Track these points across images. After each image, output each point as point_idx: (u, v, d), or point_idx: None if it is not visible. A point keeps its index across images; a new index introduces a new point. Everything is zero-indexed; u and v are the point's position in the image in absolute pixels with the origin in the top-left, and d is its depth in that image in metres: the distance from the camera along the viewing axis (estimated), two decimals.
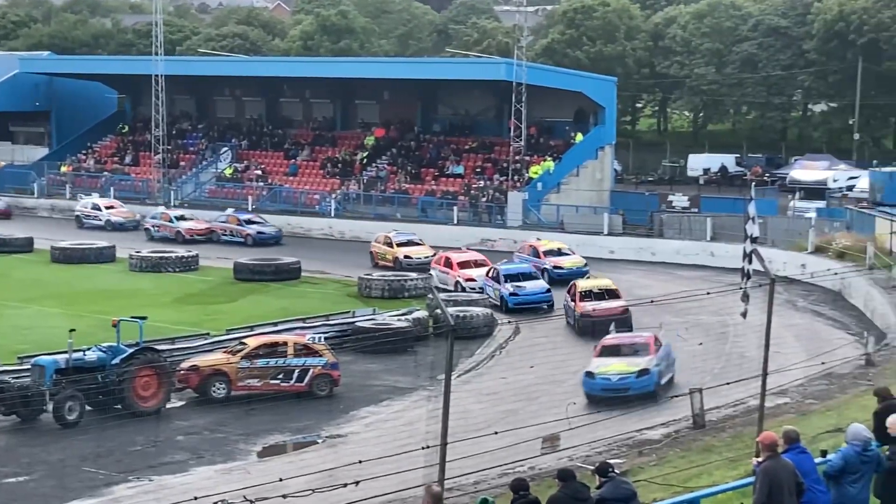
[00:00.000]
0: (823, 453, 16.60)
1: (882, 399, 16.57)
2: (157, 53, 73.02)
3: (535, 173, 66.44)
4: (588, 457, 23.73)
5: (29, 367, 32.31)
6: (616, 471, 14.71)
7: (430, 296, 42.88)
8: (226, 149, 77.81)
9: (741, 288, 34.06)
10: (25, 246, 59.53)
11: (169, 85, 73.01)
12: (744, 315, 33.02)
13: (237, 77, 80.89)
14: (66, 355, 31.91)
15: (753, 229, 34.07)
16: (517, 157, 65.84)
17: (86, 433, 30.30)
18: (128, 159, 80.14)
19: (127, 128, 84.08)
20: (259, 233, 62.27)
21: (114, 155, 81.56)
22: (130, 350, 32.35)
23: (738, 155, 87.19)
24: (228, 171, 75.74)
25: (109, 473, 27.22)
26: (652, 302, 33.99)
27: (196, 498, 19.82)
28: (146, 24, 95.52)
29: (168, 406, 32.70)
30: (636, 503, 14.04)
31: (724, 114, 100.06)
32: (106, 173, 78.22)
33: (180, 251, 55.62)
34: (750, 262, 31.79)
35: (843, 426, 20.69)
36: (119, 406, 31.32)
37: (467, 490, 21.42)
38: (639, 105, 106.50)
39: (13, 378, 32.07)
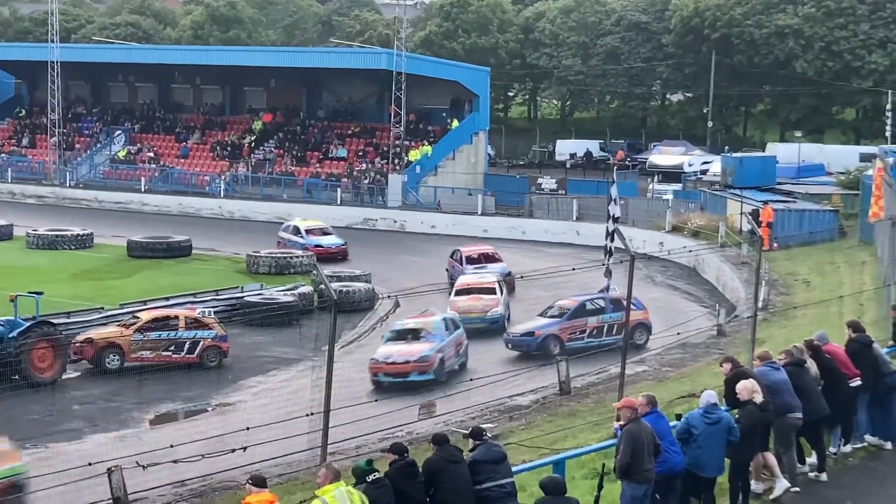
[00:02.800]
0: (678, 417, 16.87)
1: (732, 367, 16.88)
2: (53, 41, 71.59)
3: (414, 157, 66.48)
4: (462, 422, 23.83)
5: None
6: (488, 434, 14.79)
7: (314, 272, 42.69)
8: (119, 132, 76.60)
9: (604, 265, 34.55)
10: None
11: (64, 71, 71.60)
12: (606, 289, 33.55)
13: (130, 64, 79.54)
14: None
15: (615, 210, 34.56)
16: (397, 142, 65.80)
17: None
18: (24, 142, 78.49)
19: (24, 112, 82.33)
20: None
21: (11, 138, 79.83)
22: (27, 324, 31.75)
23: (602, 141, 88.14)
24: (122, 154, 74.60)
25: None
26: (522, 277, 34.37)
27: (91, 464, 19.60)
28: (43, 12, 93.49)
29: (64, 377, 32.14)
30: (506, 465, 14.12)
31: (589, 102, 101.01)
32: (3, 155, 76.54)
33: (76, 229, 54.52)
34: (612, 240, 32.28)
35: (697, 392, 21.07)
36: (17, 377, 30.69)
37: (349, 454, 21.37)
38: (510, 94, 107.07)
39: None
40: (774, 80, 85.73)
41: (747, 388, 15.93)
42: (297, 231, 52.89)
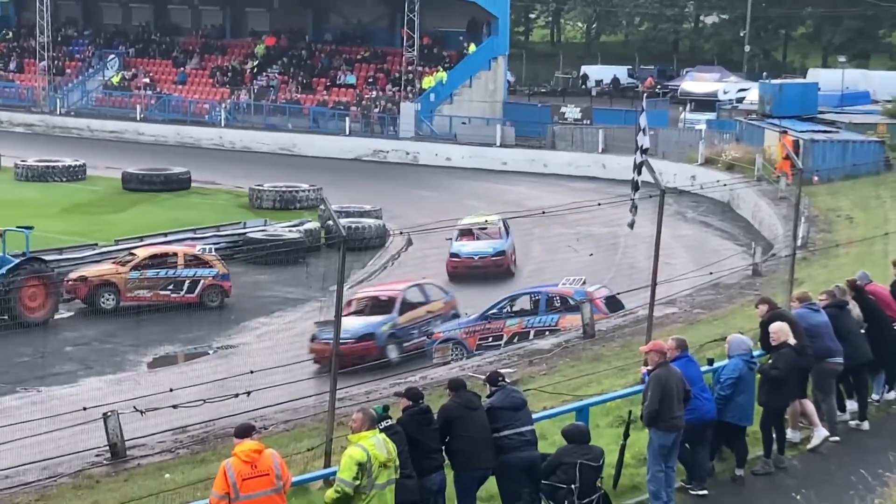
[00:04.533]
0: (710, 361, 16.95)
1: (769, 308, 16.88)
2: None
3: (428, 84, 66.20)
4: (479, 367, 23.92)
5: None
6: (507, 380, 14.85)
7: (322, 207, 42.74)
8: (113, 56, 76.39)
9: (631, 199, 34.52)
10: None
11: None
12: (631, 226, 33.09)
13: None
14: None
15: (644, 141, 34.37)
16: (410, 68, 65.53)
17: None
18: (12, 66, 78.35)
19: (10, 34, 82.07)
20: None
21: None
22: (17, 260, 31.89)
23: (630, 67, 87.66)
24: (116, 79, 74.46)
25: None
26: (543, 213, 34.27)
27: (85, 408, 19.74)
28: None
29: (56, 317, 32.37)
30: (526, 411, 14.19)
31: (616, 25, 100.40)
32: None
33: (67, 160, 54.58)
34: (640, 173, 32.17)
35: (730, 335, 21.12)
36: (6, 317, 30.91)
37: (359, 400, 21.49)
38: (532, 15, 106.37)
39: None
40: (817, 1, 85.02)
41: (782, 331, 15.95)
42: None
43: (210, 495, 11.85)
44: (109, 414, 19.69)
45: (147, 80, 73.37)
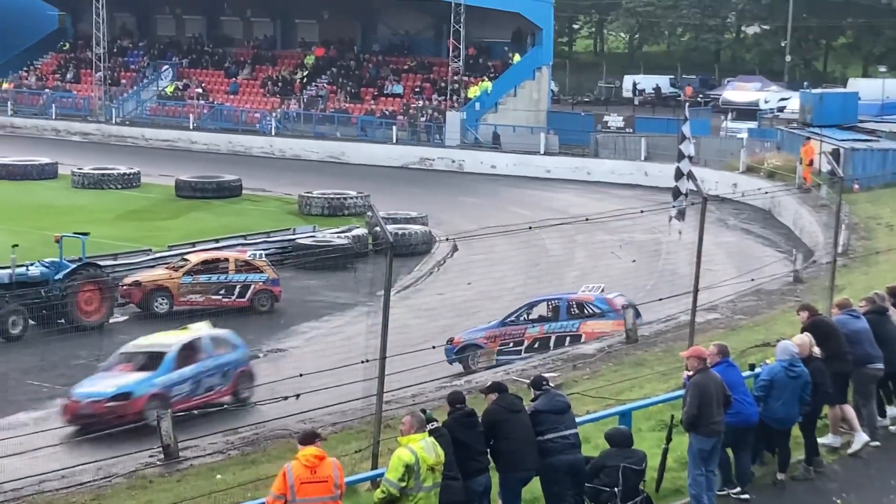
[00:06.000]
0: (752, 367, 16.85)
1: (810, 314, 16.77)
2: None
3: (473, 93, 66.25)
4: (523, 370, 23.86)
5: None
6: (550, 384, 14.82)
7: (369, 213, 42.79)
8: (167, 67, 76.89)
9: (673, 206, 34.32)
10: None
11: (110, 2, 71.83)
12: (680, 233, 32.79)
13: None
14: (10, 270, 31.60)
15: (689, 149, 34.17)
16: (455, 77, 65.57)
17: (29, 347, 30.07)
18: (69, 77, 79.01)
19: (68, 45, 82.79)
20: None
21: (55, 72, 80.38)
22: (73, 265, 32.11)
23: (672, 76, 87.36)
24: (170, 89, 74.93)
25: (53, 386, 27.03)
26: (587, 220, 34.18)
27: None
28: None
29: (111, 321, 32.53)
30: (570, 415, 14.16)
31: (659, 35, 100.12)
32: (47, 91, 77.12)
33: (122, 168, 55.02)
34: (688, 179, 31.91)
35: (771, 341, 20.98)
36: (62, 320, 31.11)
37: (405, 402, 21.48)
38: (576, 26, 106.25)
39: None
40: (857, 11, 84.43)
41: (804, 344, 15.77)
42: None
43: (267, 494, 11.90)
44: (163, 416, 19.79)
45: (200, 90, 73.77)
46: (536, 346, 27.32)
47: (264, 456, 19.19)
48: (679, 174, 25.83)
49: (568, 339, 27.37)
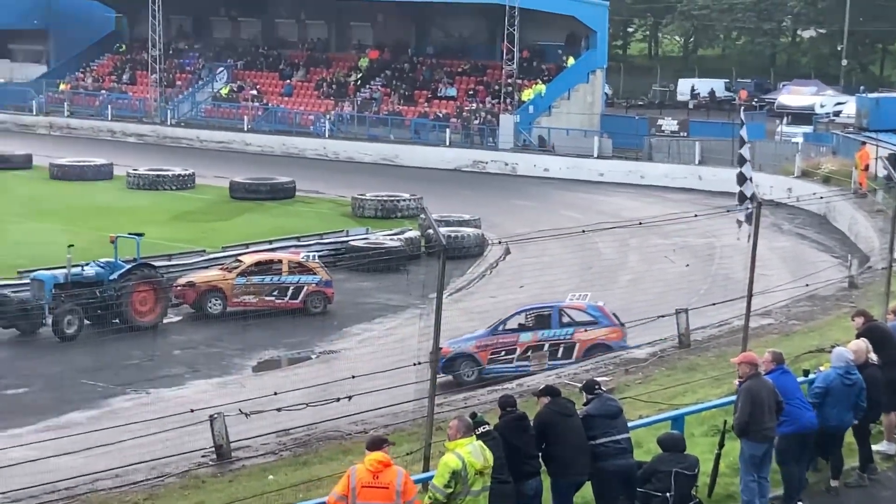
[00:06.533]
0: (806, 373, 16.72)
1: (865, 320, 16.63)
2: None
3: (527, 96, 66.19)
4: (576, 374, 23.81)
5: (28, 281, 32.32)
6: (602, 388, 14.77)
7: (422, 216, 42.85)
8: (222, 69, 77.33)
9: (739, 209, 34.02)
10: (24, 163, 59.31)
11: (166, 5, 72.37)
12: (747, 237, 31.73)
13: None
14: (65, 270, 31.92)
15: (748, 152, 33.84)
16: (509, 80, 65.52)
17: (84, 346, 30.36)
18: (125, 78, 79.65)
19: (124, 47, 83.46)
20: None
21: (111, 74, 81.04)
22: (128, 266, 32.36)
23: (727, 80, 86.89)
24: (224, 91, 75.36)
25: (107, 386, 27.28)
26: (640, 224, 34.02)
27: (192, 410, 19.95)
28: None
29: (165, 321, 32.75)
30: (622, 419, 14.11)
31: (714, 38, 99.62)
32: (103, 92, 77.80)
33: (177, 169, 55.45)
34: (750, 184, 31.56)
35: (826, 347, 20.81)
36: (117, 320, 31.36)
37: (457, 405, 21.50)
38: (630, 29, 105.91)
39: (13, 292, 32.08)
40: None
41: (860, 350, 15.62)
42: None
43: (329, 494, 11.96)
44: (216, 416, 19.88)
45: (254, 92, 74.15)
46: (529, 354, 26.66)
47: (316, 457, 19.25)
48: (742, 178, 25.62)
49: (562, 347, 26.84)
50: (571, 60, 68.90)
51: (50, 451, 20.15)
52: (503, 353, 26.66)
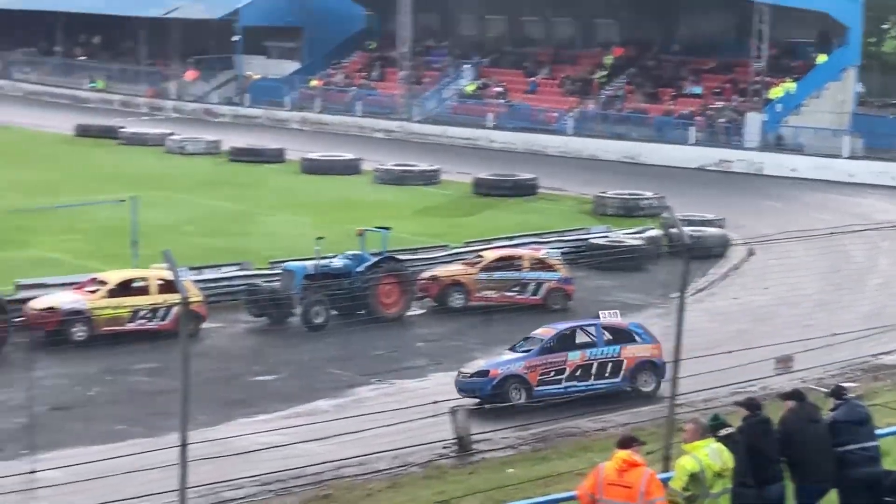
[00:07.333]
0: None
1: None
2: None
3: (775, 94, 64.78)
4: (821, 379, 23.29)
5: (279, 271, 33.39)
6: (850, 394, 14.42)
7: (664, 214, 42.47)
8: (468, 66, 78.10)
9: None
10: (277, 156, 61.20)
11: (415, 3, 73.50)
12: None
13: None
14: (315, 261, 32.86)
15: None
16: (757, 78, 64.29)
17: (331, 336, 31.16)
18: (374, 75, 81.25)
19: (375, 44, 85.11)
20: None
21: (360, 71, 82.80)
22: (375, 259, 33.06)
23: None
24: (470, 89, 76.10)
25: (352, 375, 27.94)
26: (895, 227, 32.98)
27: (435, 402, 20.35)
28: None
29: (408, 314, 33.32)
30: (870, 427, 13.75)
31: None
32: (353, 88, 79.54)
33: (422, 165, 56.38)
34: None
35: None
36: (363, 312, 32.08)
37: (697, 406, 21.29)
38: (885, 26, 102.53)
39: (264, 282, 33.20)
40: None
41: None
42: None
43: (578, 486, 12.06)
44: (457, 409, 20.19)
45: (499, 89, 74.66)
46: (578, 373, 25.74)
47: (555, 453, 19.37)
48: None
49: (610, 365, 26.00)
50: (823, 57, 67.12)
51: (297, 437, 20.83)
52: (552, 373, 25.71)
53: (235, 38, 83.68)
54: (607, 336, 26.47)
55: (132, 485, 18.38)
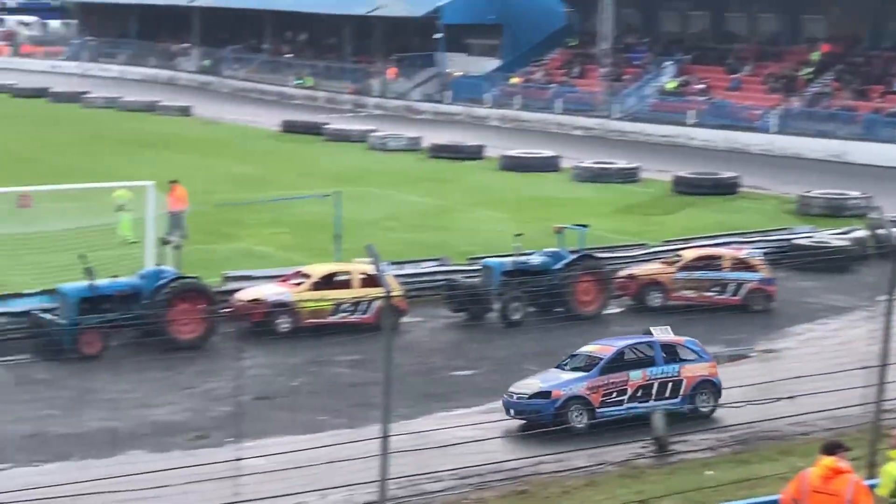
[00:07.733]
0: None
1: None
2: None
3: None
4: None
5: (479, 267, 33.67)
6: None
7: (872, 215, 41.39)
8: (669, 63, 77.37)
9: None
10: (475, 153, 61.63)
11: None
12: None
13: None
14: (513, 258, 33.04)
15: None
16: None
17: (528, 333, 31.27)
18: (574, 72, 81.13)
19: (575, 41, 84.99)
20: None
21: (561, 68, 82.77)
22: (573, 256, 33.07)
23: None
24: (671, 86, 75.37)
25: None
26: None
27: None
28: None
29: (606, 312, 33.23)
30: None
31: None
32: (553, 86, 79.55)
33: (621, 162, 56.09)
34: None
35: None
36: (560, 309, 32.12)
37: None
38: None
39: (463, 277, 33.52)
40: None
41: None
42: None
43: (781, 491, 11.91)
44: (654, 410, 20.11)
45: (701, 86, 73.77)
46: (639, 394, 24.30)
47: (755, 456, 19.11)
48: None
49: (670, 384, 24.53)
50: None
51: (494, 433, 21.01)
52: (615, 393, 24.27)
53: (437, 35, 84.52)
54: (664, 354, 25.05)
55: (334, 475, 18.79)
